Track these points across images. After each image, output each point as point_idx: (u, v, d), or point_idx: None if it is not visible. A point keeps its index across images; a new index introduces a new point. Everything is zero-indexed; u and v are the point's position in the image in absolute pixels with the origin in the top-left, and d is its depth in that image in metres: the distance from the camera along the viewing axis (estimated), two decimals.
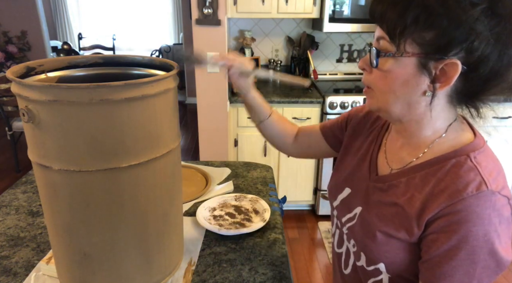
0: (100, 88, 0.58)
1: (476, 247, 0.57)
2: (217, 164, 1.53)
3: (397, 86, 0.62)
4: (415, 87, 0.61)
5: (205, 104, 2.37)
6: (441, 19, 0.55)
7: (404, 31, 0.58)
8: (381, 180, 0.73)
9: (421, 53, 0.58)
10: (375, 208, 0.72)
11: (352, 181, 0.81)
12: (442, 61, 0.57)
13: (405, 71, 0.60)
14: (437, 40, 0.56)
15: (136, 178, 0.67)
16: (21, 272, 0.91)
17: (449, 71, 0.57)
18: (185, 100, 5.83)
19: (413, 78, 0.60)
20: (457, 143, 0.65)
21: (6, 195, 1.27)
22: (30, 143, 0.65)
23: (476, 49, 0.55)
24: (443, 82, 0.59)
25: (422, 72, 0.59)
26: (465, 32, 0.54)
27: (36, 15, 4.34)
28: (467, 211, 0.57)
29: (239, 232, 1.04)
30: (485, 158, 0.62)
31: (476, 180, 0.58)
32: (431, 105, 0.63)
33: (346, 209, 0.80)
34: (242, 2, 2.42)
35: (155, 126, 0.67)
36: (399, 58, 0.60)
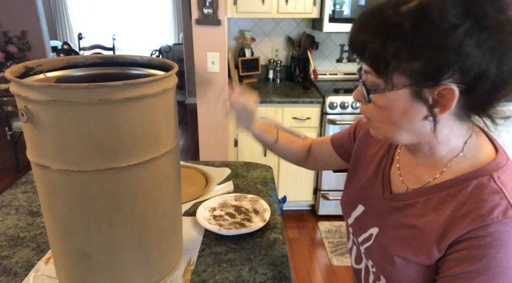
0: (99, 88, 0.58)
1: (497, 273, 0.54)
2: (217, 164, 1.53)
3: (396, 117, 0.60)
4: (415, 115, 0.58)
5: (205, 104, 2.37)
6: (423, 49, 0.52)
7: (388, 65, 0.55)
8: (396, 199, 0.70)
9: (411, 83, 0.55)
10: (392, 229, 0.69)
11: (364, 197, 0.78)
12: (436, 88, 0.54)
13: (400, 103, 0.58)
14: (425, 69, 0.53)
15: (135, 178, 0.67)
16: (21, 272, 0.91)
17: (446, 96, 0.55)
18: (185, 100, 5.83)
19: (410, 107, 0.57)
20: (478, 161, 0.61)
21: (6, 195, 1.27)
22: (29, 143, 0.65)
23: (470, 68, 0.52)
24: (442, 106, 0.56)
25: (418, 101, 0.56)
26: (453, 56, 0.51)
27: (36, 15, 4.35)
28: (492, 237, 0.54)
29: (239, 232, 1.04)
30: (510, 176, 0.59)
31: (502, 204, 0.55)
32: (436, 129, 0.59)
33: (361, 229, 0.78)
34: (242, 2, 2.42)
35: (154, 126, 0.67)
36: (390, 92, 0.57)
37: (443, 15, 0.50)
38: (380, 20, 0.55)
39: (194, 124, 4.84)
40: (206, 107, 2.37)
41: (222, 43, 2.24)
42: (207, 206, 1.19)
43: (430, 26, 0.51)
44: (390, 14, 0.54)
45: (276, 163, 2.64)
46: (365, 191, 0.79)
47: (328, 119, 2.49)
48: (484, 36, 0.51)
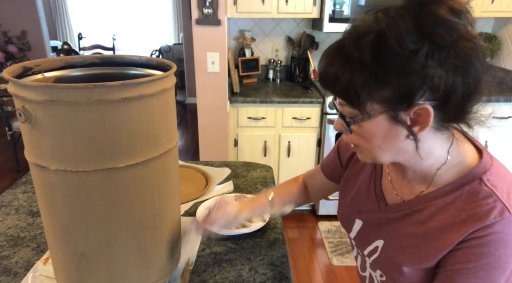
0: (97, 88, 0.58)
1: (495, 268, 0.59)
2: (217, 164, 1.53)
3: (378, 142, 0.62)
4: (396, 137, 0.61)
5: (205, 104, 2.37)
6: (388, 78, 0.55)
7: (359, 97, 0.58)
8: (393, 210, 0.73)
9: (386, 109, 0.58)
10: (395, 240, 0.72)
11: (360, 212, 0.81)
12: (411, 109, 0.57)
13: (380, 129, 0.60)
14: (396, 95, 0.56)
15: (133, 178, 0.67)
16: (21, 272, 0.91)
17: (422, 114, 0.57)
18: (185, 100, 5.83)
19: (390, 131, 0.60)
20: (465, 166, 0.64)
21: (6, 195, 1.27)
22: (27, 143, 0.65)
23: (438, 86, 0.55)
24: (420, 124, 0.59)
25: (396, 123, 0.59)
26: (419, 79, 0.54)
27: (36, 15, 4.35)
28: (491, 236, 0.58)
29: (239, 232, 1.04)
30: (497, 177, 0.62)
31: (497, 206, 0.59)
32: (418, 145, 0.62)
33: (365, 242, 0.79)
34: (242, 2, 2.42)
35: (152, 126, 0.67)
36: (367, 121, 0.60)
37: (401, 42, 0.53)
38: (344, 56, 0.57)
39: (194, 124, 4.84)
40: (206, 107, 2.37)
41: (222, 43, 2.24)
42: (207, 206, 1.19)
43: (391, 55, 0.54)
44: (351, 49, 0.56)
45: (276, 163, 2.64)
46: (359, 205, 0.81)
47: (328, 119, 2.49)
48: (444, 55, 0.54)
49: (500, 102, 2.44)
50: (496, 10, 2.49)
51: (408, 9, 0.54)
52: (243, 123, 2.53)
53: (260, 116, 2.51)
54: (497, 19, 2.85)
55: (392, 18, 0.54)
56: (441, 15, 0.53)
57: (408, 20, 0.53)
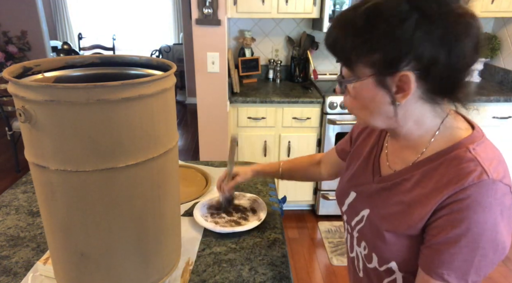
0: (97, 88, 0.58)
1: (476, 234, 0.59)
2: (217, 164, 1.53)
3: (366, 104, 0.67)
4: (382, 101, 0.65)
5: (205, 104, 2.37)
6: (378, 43, 0.59)
7: (351, 58, 0.64)
8: (384, 180, 0.75)
9: (374, 73, 0.62)
10: (382, 208, 0.74)
11: (356, 185, 0.83)
12: (396, 75, 0.61)
13: (368, 91, 0.65)
14: (384, 60, 0.60)
15: (133, 178, 0.67)
16: (21, 272, 0.91)
17: (405, 82, 0.61)
18: (185, 100, 5.83)
19: (377, 95, 0.64)
20: (455, 137, 0.66)
21: (6, 195, 1.27)
22: (27, 143, 0.65)
23: (422, 56, 0.58)
24: (403, 92, 0.62)
25: (383, 88, 0.63)
26: (406, 46, 0.58)
27: (36, 15, 4.34)
28: (469, 199, 0.59)
29: (233, 230, 1.05)
30: (484, 148, 0.64)
31: (477, 170, 0.60)
32: (399, 113, 0.66)
33: (353, 213, 0.82)
34: (242, 2, 2.42)
35: (152, 126, 0.67)
36: (358, 82, 0.65)
37: (392, 11, 0.58)
38: (345, 20, 0.63)
39: (194, 124, 4.84)
40: (206, 107, 2.37)
41: (222, 43, 2.24)
42: (206, 203, 1.20)
43: (382, 22, 0.59)
44: (349, 15, 0.62)
45: None
46: (356, 179, 0.84)
47: (328, 119, 2.49)
48: (432, 27, 0.57)
49: (500, 102, 2.44)
50: (496, 10, 2.48)
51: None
52: (243, 123, 2.53)
53: (260, 116, 2.51)
54: (497, 19, 2.84)
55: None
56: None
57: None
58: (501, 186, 0.59)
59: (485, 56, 2.77)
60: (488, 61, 2.88)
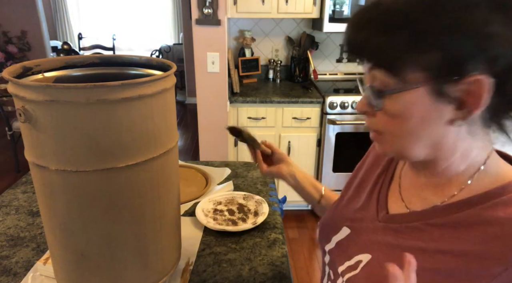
0: (97, 88, 0.58)
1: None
2: (217, 164, 1.53)
3: (414, 126, 0.48)
4: (437, 121, 0.47)
5: (205, 104, 2.37)
6: (440, 35, 0.43)
7: (398, 59, 0.46)
8: (395, 220, 0.58)
9: (430, 79, 0.45)
10: (391, 254, 0.56)
11: (352, 219, 0.66)
12: (462, 82, 0.43)
13: (418, 105, 0.47)
14: (445, 60, 0.43)
15: (133, 178, 0.67)
16: (21, 272, 0.91)
17: (476, 90, 0.43)
18: (185, 100, 5.83)
19: (431, 111, 0.46)
20: (504, 176, 0.49)
21: (6, 195, 1.27)
22: (26, 143, 0.65)
23: (499, 55, 0.42)
24: (472, 105, 0.44)
25: (441, 100, 0.45)
26: (477, 40, 0.41)
27: (36, 15, 4.35)
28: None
29: (223, 229, 1.05)
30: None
31: None
32: (459, 138, 0.49)
33: (343, 255, 0.64)
34: (242, 2, 2.42)
35: (152, 126, 0.67)
36: (406, 93, 0.47)
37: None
38: (380, 12, 0.46)
39: (194, 124, 4.84)
40: (206, 107, 2.37)
41: (222, 43, 2.24)
42: (213, 199, 1.20)
43: (440, 6, 0.42)
44: (390, 3, 0.46)
45: None
46: (354, 212, 0.68)
47: (328, 119, 2.49)
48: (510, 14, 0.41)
49: None
50: None
51: None
52: (243, 123, 2.53)
53: (260, 116, 2.51)
54: None
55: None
56: None
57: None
58: None
59: None
60: None
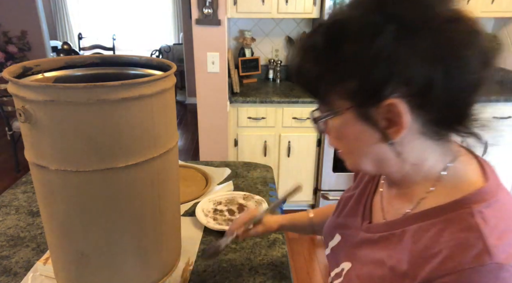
0: (97, 88, 0.58)
1: None
2: (217, 164, 1.53)
3: (351, 145, 0.54)
4: (368, 140, 0.51)
5: (205, 104, 2.37)
6: (348, 68, 0.47)
7: (320, 90, 0.51)
8: (371, 230, 0.61)
9: (353, 105, 0.49)
10: (363, 266, 0.59)
11: (343, 226, 0.70)
12: (380, 106, 0.47)
13: (350, 128, 0.51)
14: (362, 88, 0.47)
15: (133, 178, 0.67)
16: (21, 272, 0.91)
17: (394, 112, 0.47)
18: (185, 100, 5.83)
19: (363, 132, 0.51)
20: (461, 189, 0.50)
21: (6, 195, 1.27)
22: (27, 143, 0.65)
23: (411, 78, 0.45)
24: (394, 126, 0.48)
25: (368, 123, 0.49)
26: (386, 68, 0.45)
27: (36, 15, 4.35)
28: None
29: (223, 229, 1.05)
30: (497, 212, 0.47)
31: (477, 246, 0.43)
32: (403, 152, 0.52)
33: (334, 262, 0.68)
34: (242, 2, 2.42)
35: (152, 126, 0.67)
36: (336, 118, 0.52)
37: (359, 25, 0.46)
38: (306, 44, 0.52)
39: (194, 124, 4.84)
40: (206, 107, 2.37)
41: (222, 43, 2.24)
42: (213, 199, 1.20)
43: (348, 41, 0.46)
44: (311, 36, 0.51)
45: (276, 163, 2.64)
46: (344, 219, 0.71)
47: None
48: (418, 39, 0.44)
49: (500, 102, 2.44)
50: (496, 10, 2.49)
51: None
52: (243, 123, 2.53)
53: (260, 116, 2.51)
54: (497, 19, 2.85)
55: (352, 0, 0.48)
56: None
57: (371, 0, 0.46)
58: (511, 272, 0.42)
59: None
60: None
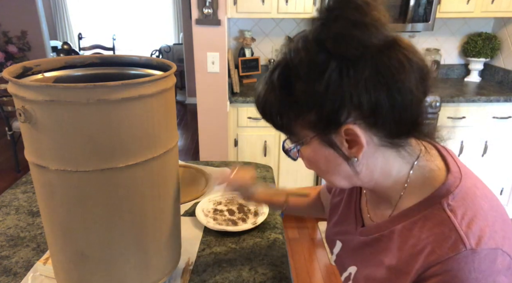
0: (97, 88, 0.58)
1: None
2: (217, 164, 1.53)
3: (324, 166, 0.60)
4: (336, 160, 0.57)
5: (205, 104, 2.37)
6: (304, 104, 0.53)
7: (284, 123, 0.57)
8: (364, 233, 0.68)
9: (316, 134, 0.55)
10: (367, 268, 0.66)
11: (340, 233, 0.76)
12: (339, 130, 0.53)
13: (317, 153, 0.58)
14: (319, 118, 0.53)
15: (133, 178, 0.67)
16: (21, 272, 0.91)
17: (351, 135, 0.53)
18: (185, 100, 5.83)
19: (330, 155, 0.57)
20: (429, 186, 0.57)
21: (6, 195, 1.27)
22: (26, 143, 0.65)
23: (360, 103, 0.50)
24: (355, 146, 0.54)
25: (333, 146, 0.56)
26: (336, 99, 0.50)
27: (36, 15, 4.35)
28: (448, 275, 0.49)
29: (223, 229, 1.05)
30: (463, 201, 0.54)
31: (451, 237, 0.50)
32: (368, 165, 0.58)
33: (341, 267, 0.75)
34: (242, 2, 2.42)
35: (152, 126, 0.67)
36: (304, 147, 0.58)
37: (306, 66, 0.51)
38: (266, 82, 0.57)
39: (194, 124, 4.84)
40: (206, 107, 2.37)
41: (222, 43, 2.24)
42: (213, 199, 1.20)
43: (299, 81, 0.52)
44: (268, 80, 0.56)
45: (276, 163, 2.64)
46: (340, 226, 0.77)
47: None
48: (359, 69, 0.50)
49: (500, 102, 2.44)
50: (496, 10, 2.48)
51: (313, 31, 0.52)
52: (243, 123, 2.53)
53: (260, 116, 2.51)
54: (497, 19, 2.84)
55: (296, 44, 0.53)
56: (342, 31, 0.49)
57: (311, 42, 0.51)
58: (485, 253, 0.49)
59: (485, 56, 2.77)
60: (488, 61, 2.88)
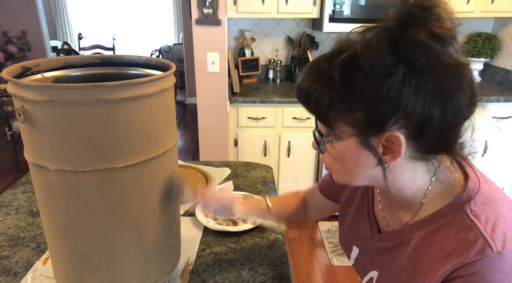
0: (97, 88, 0.58)
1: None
2: (217, 164, 1.53)
3: (349, 166, 0.59)
4: (367, 163, 0.57)
5: (205, 104, 2.37)
6: (358, 101, 0.52)
7: (329, 116, 0.55)
8: (384, 239, 0.69)
9: (356, 133, 0.55)
10: (389, 273, 0.68)
11: (356, 238, 0.78)
12: (382, 135, 0.53)
13: (350, 152, 0.57)
14: (367, 119, 0.53)
15: (132, 178, 0.67)
16: (21, 272, 0.91)
17: (393, 143, 0.54)
18: (185, 100, 5.83)
19: (362, 157, 0.57)
20: (450, 194, 0.59)
21: (6, 195, 1.27)
22: (26, 143, 0.65)
23: (413, 115, 0.51)
24: (393, 153, 0.55)
25: (368, 149, 0.56)
26: (393, 104, 0.50)
27: (36, 15, 4.35)
28: (475, 276, 0.52)
29: (223, 229, 1.05)
30: (485, 206, 0.56)
31: (478, 241, 0.53)
32: (390, 175, 0.58)
33: (362, 271, 0.77)
34: (242, 2, 2.42)
35: (152, 126, 0.67)
36: (339, 142, 0.57)
37: (373, 65, 0.50)
38: (317, 73, 0.55)
39: (194, 124, 4.84)
40: (206, 107, 2.37)
41: (222, 43, 2.24)
42: None
43: (361, 77, 0.51)
44: (324, 67, 0.54)
45: (276, 163, 2.64)
46: (354, 231, 0.78)
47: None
48: (422, 82, 0.50)
49: (500, 102, 2.44)
50: (496, 10, 2.48)
51: (387, 30, 0.50)
52: (243, 123, 2.53)
53: (260, 116, 2.51)
54: (497, 19, 2.84)
55: (368, 39, 0.51)
56: (421, 39, 0.48)
57: (385, 42, 0.50)
58: (509, 255, 0.52)
59: (485, 56, 2.77)
60: (488, 61, 2.88)
